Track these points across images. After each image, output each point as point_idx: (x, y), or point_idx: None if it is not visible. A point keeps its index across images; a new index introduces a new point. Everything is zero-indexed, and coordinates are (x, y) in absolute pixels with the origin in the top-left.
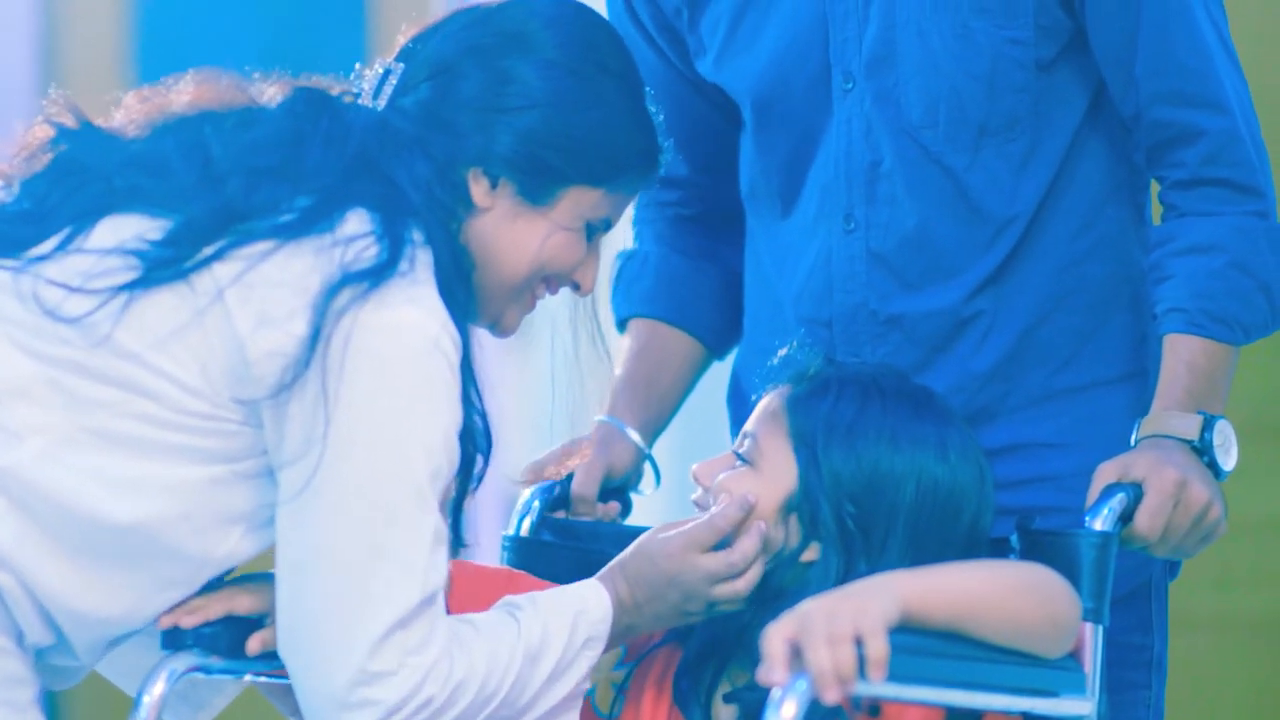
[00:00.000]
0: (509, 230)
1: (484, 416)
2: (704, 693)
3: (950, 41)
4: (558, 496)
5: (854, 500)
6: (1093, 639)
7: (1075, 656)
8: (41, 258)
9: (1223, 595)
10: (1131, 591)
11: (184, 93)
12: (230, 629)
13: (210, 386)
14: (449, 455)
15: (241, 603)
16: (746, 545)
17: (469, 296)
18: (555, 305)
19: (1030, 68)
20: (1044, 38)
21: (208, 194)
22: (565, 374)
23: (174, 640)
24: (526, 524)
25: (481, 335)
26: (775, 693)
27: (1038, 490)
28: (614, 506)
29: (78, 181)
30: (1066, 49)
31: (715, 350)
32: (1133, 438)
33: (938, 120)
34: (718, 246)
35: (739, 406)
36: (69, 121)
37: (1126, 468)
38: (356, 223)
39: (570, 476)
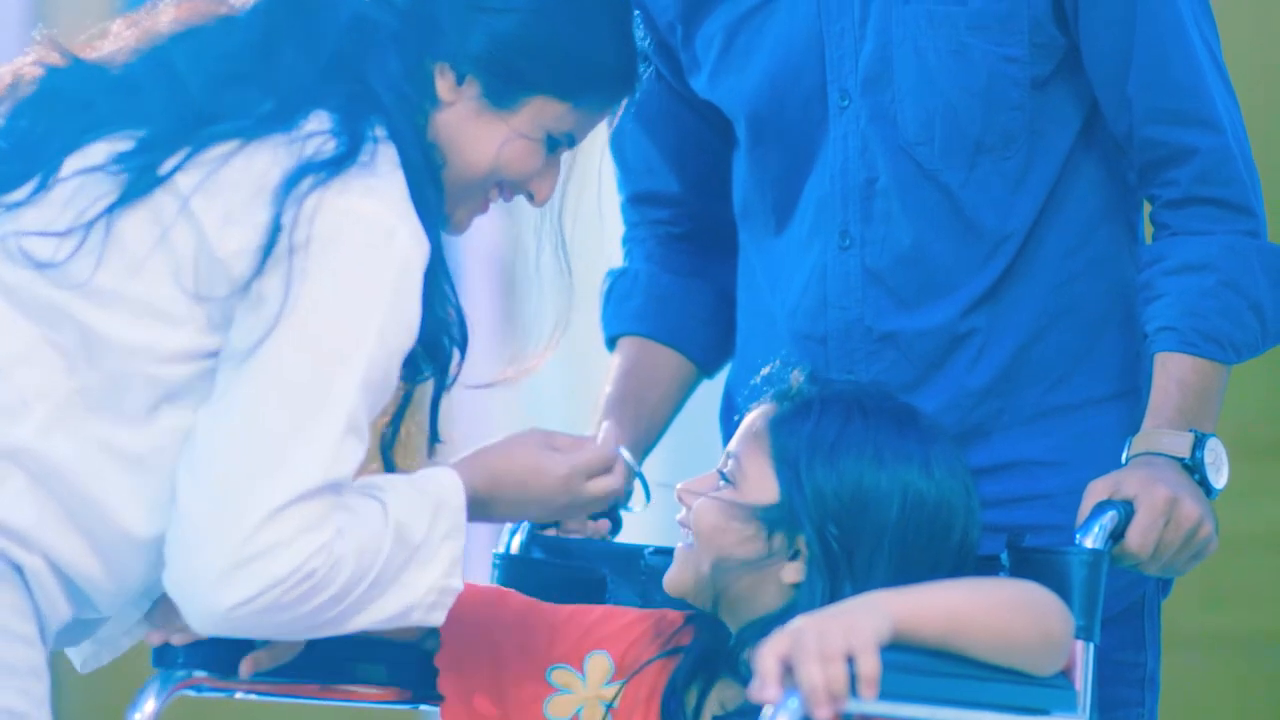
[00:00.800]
0: (469, 129)
1: (459, 310)
2: (691, 714)
3: (946, 58)
4: None
5: (838, 521)
6: (1084, 657)
7: (1066, 674)
8: (18, 204)
9: (1211, 613)
10: (1125, 609)
11: (167, 12)
12: (221, 647)
13: (186, 304)
14: (386, 352)
15: None
16: (609, 435)
17: (439, 193)
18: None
19: (1025, 85)
20: (1039, 55)
21: (175, 104)
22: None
23: (165, 658)
24: (517, 541)
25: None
26: (767, 710)
27: (1030, 508)
28: (604, 524)
29: (61, 115)
30: (1061, 67)
31: (705, 369)
32: (1124, 455)
33: (933, 137)
34: (708, 265)
35: (731, 424)
36: (56, 60)
37: (1117, 485)
38: (317, 122)
39: None
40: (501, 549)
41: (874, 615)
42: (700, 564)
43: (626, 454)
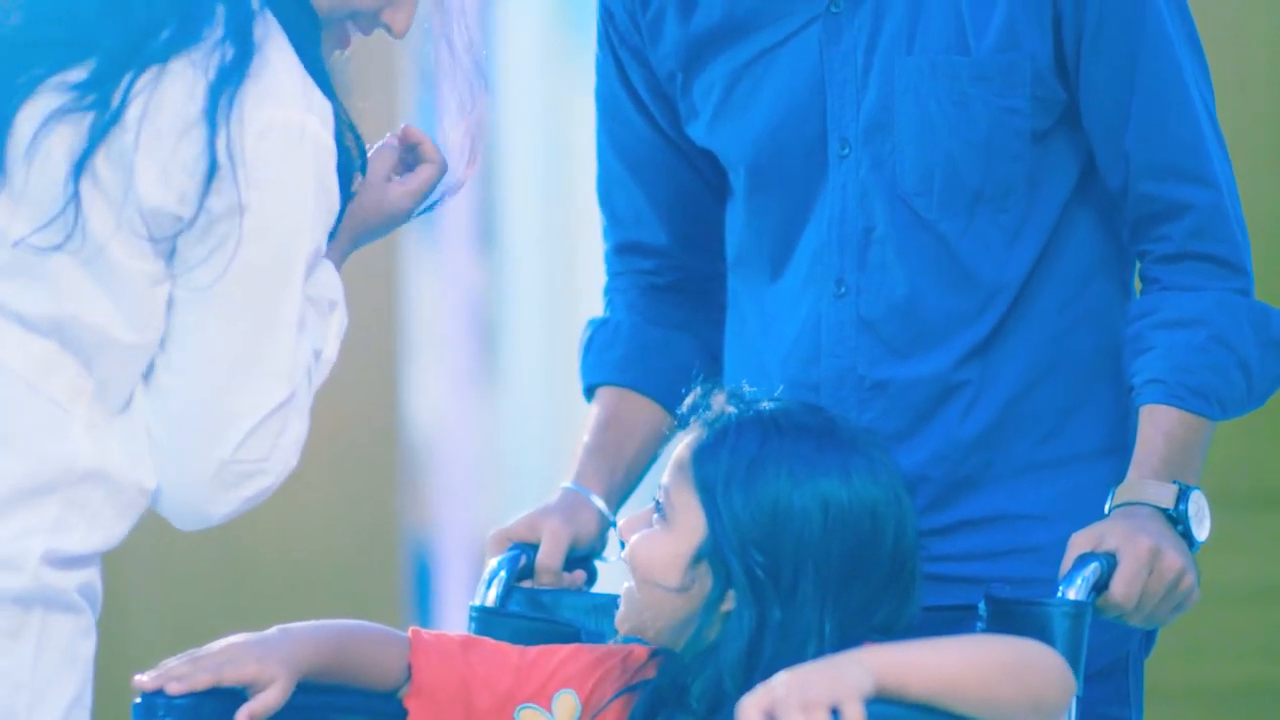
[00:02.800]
0: None
1: (353, 130)
2: None
3: (948, 109)
4: (524, 567)
5: (759, 546)
6: (1067, 709)
7: None
8: None
9: (1192, 666)
10: (1110, 663)
11: None
12: (209, 700)
13: (152, 255)
14: (319, 236)
15: (228, 675)
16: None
17: (318, 43)
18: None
19: (1026, 137)
20: (1040, 109)
21: (114, 21)
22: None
23: (148, 712)
24: (493, 594)
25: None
26: None
27: (1018, 561)
28: (579, 575)
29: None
30: (1061, 121)
31: (684, 421)
32: (1107, 505)
33: (933, 187)
34: (692, 317)
35: None
36: None
37: (1100, 538)
38: (212, 27)
39: (536, 546)
40: (478, 601)
41: (858, 668)
42: (642, 602)
43: (600, 503)
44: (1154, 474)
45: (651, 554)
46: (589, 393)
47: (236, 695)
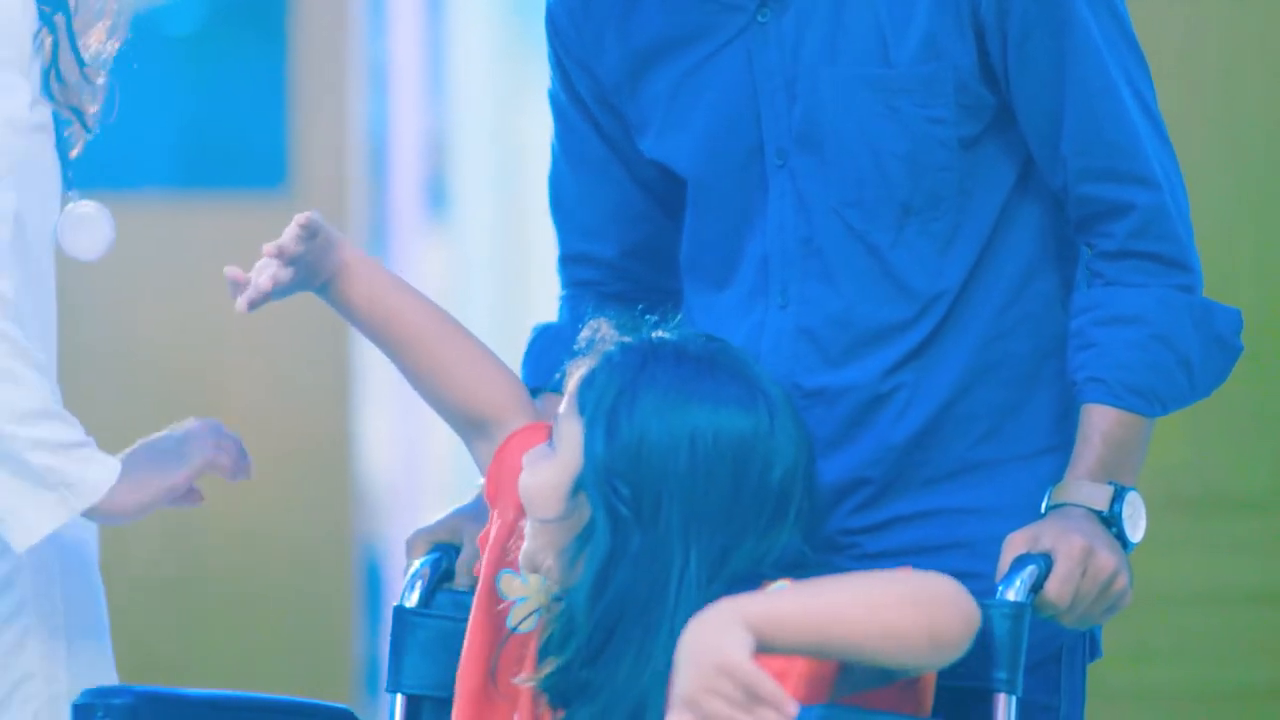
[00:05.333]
0: None
1: None
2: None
3: (873, 121)
4: (446, 569)
5: (623, 475)
6: (1006, 709)
7: None
8: None
9: (1140, 668)
10: (1045, 656)
11: None
12: (145, 703)
13: None
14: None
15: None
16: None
17: None
18: None
19: (953, 146)
20: (966, 116)
21: None
22: None
23: (85, 714)
24: (415, 596)
25: None
26: None
27: (951, 556)
28: None
29: None
30: (992, 126)
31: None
32: (1043, 505)
33: (862, 199)
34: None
35: None
36: None
37: (1036, 538)
38: None
39: (457, 547)
40: (400, 602)
41: (734, 630)
42: (535, 535)
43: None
44: (1090, 475)
45: (536, 484)
46: (532, 395)
47: (173, 700)
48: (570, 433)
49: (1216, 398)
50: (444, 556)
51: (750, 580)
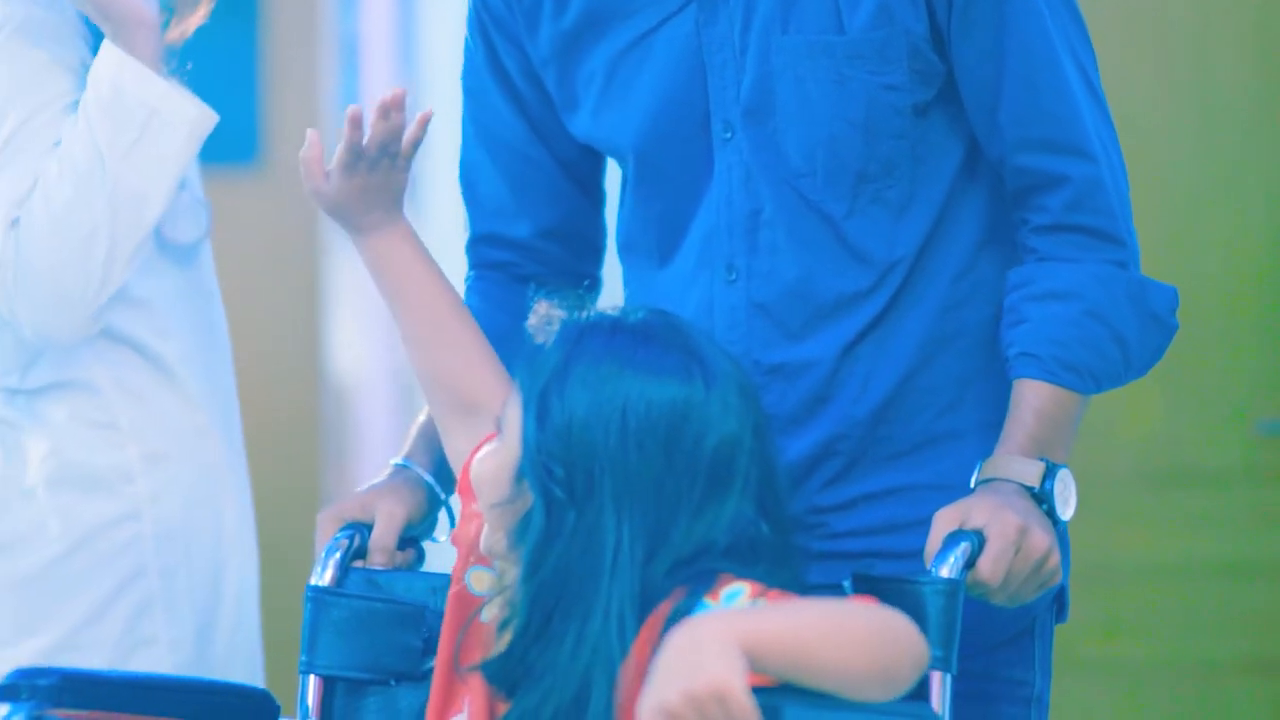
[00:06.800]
0: None
1: None
2: None
3: (827, 88)
4: (358, 547)
5: (556, 455)
6: (941, 688)
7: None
8: None
9: (1110, 641)
10: (1019, 630)
11: None
12: (70, 684)
13: None
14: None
15: None
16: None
17: None
18: None
19: (907, 113)
20: (919, 83)
21: None
22: None
23: (11, 694)
24: (329, 574)
25: None
26: None
27: (918, 534)
28: (409, 554)
29: None
30: (943, 93)
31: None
32: (973, 479)
33: (816, 168)
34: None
35: None
36: None
37: (967, 514)
38: None
39: (369, 525)
40: (314, 581)
41: (727, 656)
42: (489, 522)
43: (432, 481)
44: (1021, 450)
45: (484, 469)
46: None
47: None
48: (514, 415)
49: (1187, 372)
50: (356, 534)
51: (698, 565)
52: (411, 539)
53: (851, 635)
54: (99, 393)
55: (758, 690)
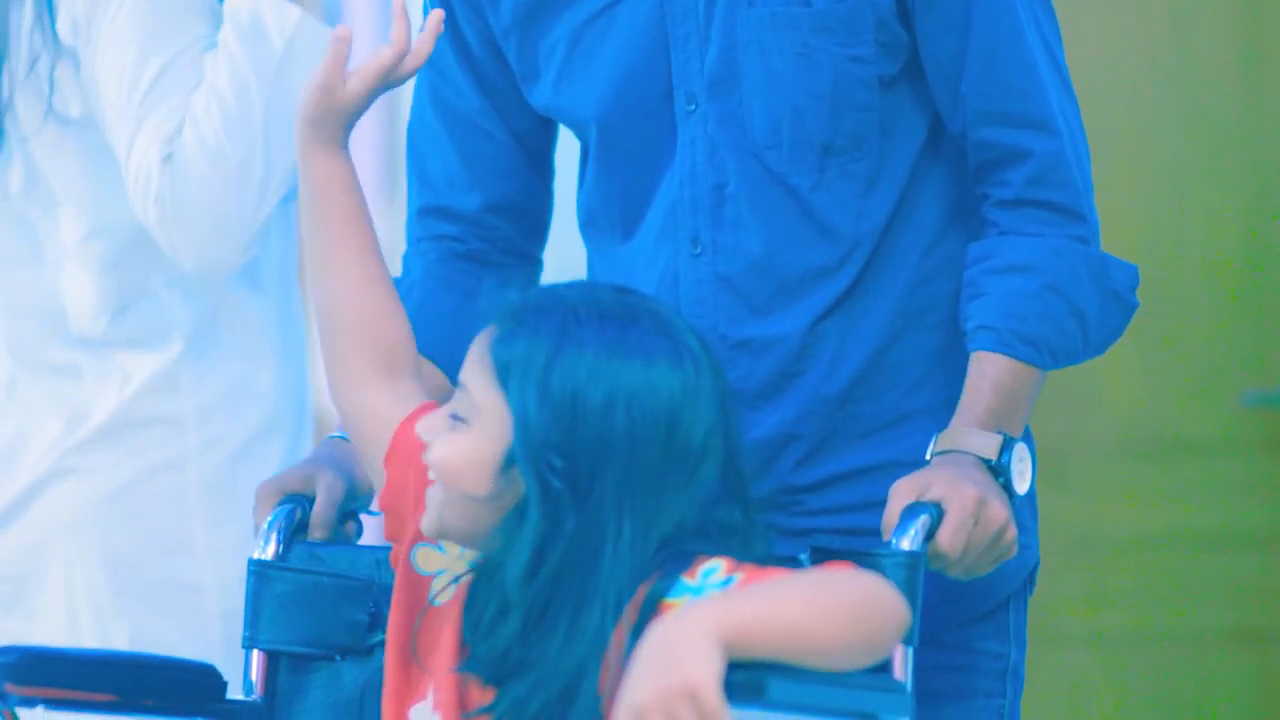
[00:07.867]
0: None
1: None
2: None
3: (792, 61)
4: (300, 520)
5: (558, 448)
6: (904, 660)
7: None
8: None
9: (1095, 612)
10: (994, 605)
11: None
12: (28, 661)
13: None
14: None
15: None
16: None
17: None
18: None
19: (874, 86)
20: (885, 55)
21: None
22: None
23: None
24: (272, 549)
25: None
26: None
27: None
28: (350, 527)
29: None
30: (909, 66)
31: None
32: (929, 451)
33: (781, 141)
34: (489, 287)
35: None
36: None
37: (925, 486)
38: None
39: (310, 498)
40: (257, 555)
41: (705, 647)
42: (447, 506)
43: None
44: (978, 422)
45: (458, 460)
46: None
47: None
48: (490, 403)
49: (1171, 344)
50: (297, 507)
51: (675, 547)
52: (351, 512)
53: (836, 609)
54: (169, 345)
55: (741, 664)
